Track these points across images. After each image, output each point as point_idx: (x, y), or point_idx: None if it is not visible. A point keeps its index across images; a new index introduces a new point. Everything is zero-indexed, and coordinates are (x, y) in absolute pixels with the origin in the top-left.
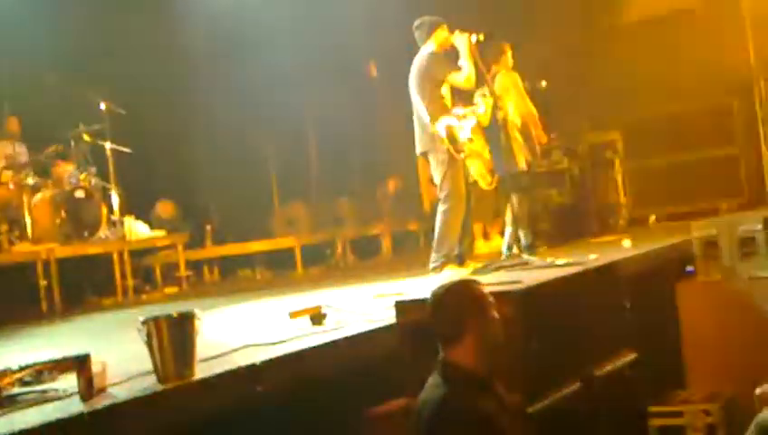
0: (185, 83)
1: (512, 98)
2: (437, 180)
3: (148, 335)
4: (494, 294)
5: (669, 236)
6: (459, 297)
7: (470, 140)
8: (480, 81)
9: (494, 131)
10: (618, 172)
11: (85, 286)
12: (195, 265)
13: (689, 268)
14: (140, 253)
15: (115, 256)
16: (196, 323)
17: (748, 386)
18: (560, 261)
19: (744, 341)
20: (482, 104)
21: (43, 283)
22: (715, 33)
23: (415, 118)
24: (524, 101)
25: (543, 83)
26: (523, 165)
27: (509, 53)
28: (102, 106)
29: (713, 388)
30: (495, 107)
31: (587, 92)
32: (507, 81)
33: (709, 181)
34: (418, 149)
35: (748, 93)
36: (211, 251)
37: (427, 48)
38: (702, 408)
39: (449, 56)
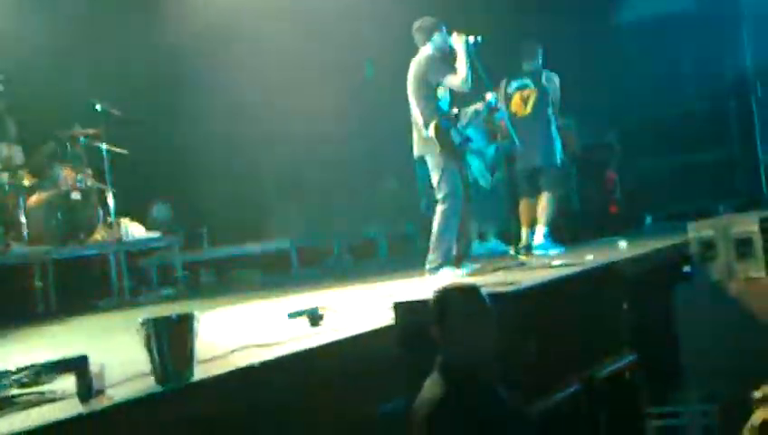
0: (180, 84)
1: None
2: (434, 182)
3: (147, 336)
4: (492, 295)
5: (667, 237)
6: (459, 299)
7: (468, 139)
8: (477, 83)
9: (528, 124)
10: (614, 173)
11: (81, 288)
12: (191, 267)
13: (687, 269)
14: (136, 254)
15: (111, 258)
16: (195, 324)
17: (746, 387)
18: (557, 262)
19: (741, 342)
20: (487, 102)
21: (39, 284)
22: (712, 35)
23: (413, 121)
24: None
25: None
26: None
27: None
28: (98, 107)
29: (711, 389)
30: (543, 101)
31: (584, 92)
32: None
33: (706, 182)
34: (415, 153)
35: (745, 95)
36: (207, 252)
37: (425, 51)
38: (700, 409)
39: (446, 59)
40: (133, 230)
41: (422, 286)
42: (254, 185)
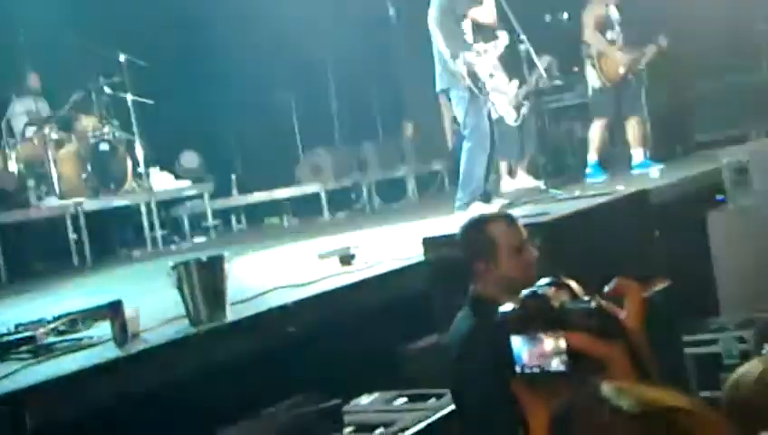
0: (204, 32)
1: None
2: (460, 118)
3: (179, 279)
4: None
5: (699, 164)
6: (489, 230)
7: (491, 76)
8: (500, 15)
9: None
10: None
11: (114, 239)
12: (222, 215)
13: (719, 196)
14: (167, 204)
15: (143, 208)
16: (226, 265)
17: None
18: (587, 192)
19: None
20: (505, 39)
21: (73, 236)
22: None
23: (435, 54)
24: None
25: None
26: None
27: None
28: (122, 58)
29: (746, 315)
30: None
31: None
32: None
33: (737, 108)
34: (439, 87)
35: None
36: (237, 200)
37: None
38: (736, 335)
39: None
40: (163, 180)
41: (452, 223)
42: (281, 131)
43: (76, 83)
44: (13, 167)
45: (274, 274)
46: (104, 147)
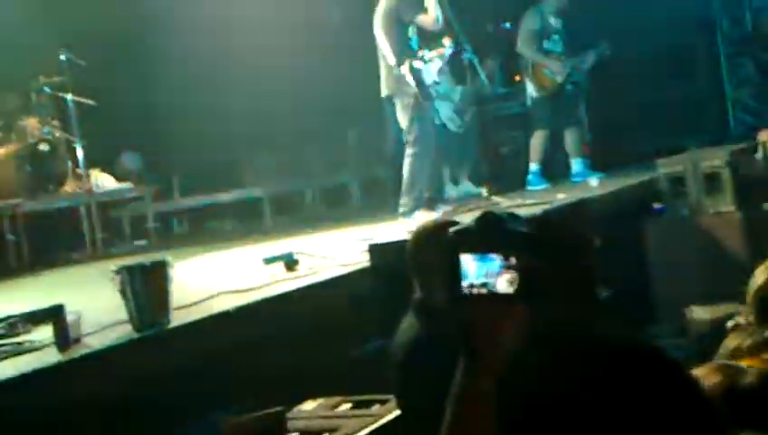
0: (147, 32)
1: None
2: (404, 124)
3: (122, 283)
4: None
5: (637, 174)
6: (440, 236)
7: (437, 82)
8: (445, 23)
9: None
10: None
11: (53, 241)
12: (163, 217)
13: (657, 206)
14: (108, 206)
15: (82, 210)
16: (169, 270)
17: (717, 318)
18: (528, 201)
19: (711, 276)
20: (449, 46)
21: (11, 238)
22: None
23: (380, 60)
24: None
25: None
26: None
27: None
28: (63, 57)
29: (683, 321)
30: None
31: None
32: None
33: (675, 120)
34: (384, 93)
35: (711, 31)
36: (179, 202)
37: None
38: (673, 342)
39: None
40: (104, 181)
41: (396, 229)
42: (225, 133)
43: (16, 82)
44: None
45: (218, 278)
46: (44, 147)
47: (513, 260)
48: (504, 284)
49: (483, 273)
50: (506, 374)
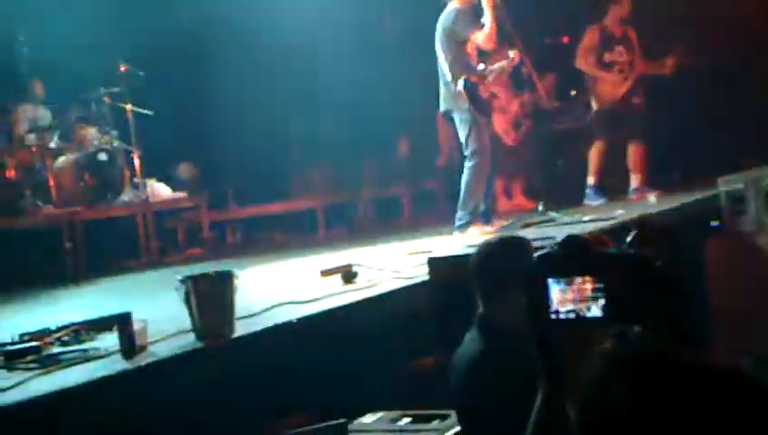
0: (204, 44)
1: None
2: (462, 138)
3: (187, 293)
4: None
5: (696, 191)
6: (509, 252)
7: (494, 96)
8: (502, 39)
9: None
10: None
11: (110, 250)
12: (217, 227)
13: (715, 223)
14: (163, 215)
15: (139, 219)
16: (235, 281)
17: None
18: (587, 217)
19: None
20: (514, 58)
21: (68, 246)
22: None
23: (440, 75)
24: None
25: None
26: None
27: None
28: (122, 68)
29: (741, 342)
30: None
31: None
32: None
33: (734, 137)
34: (442, 107)
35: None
36: (233, 213)
37: (453, 4)
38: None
39: (476, 13)
40: (160, 191)
41: (451, 243)
42: (279, 145)
43: (77, 93)
44: (10, 174)
45: (278, 290)
46: (103, 156)
47: (601, 284)
48: (592, 308)
49: (568, 298)
50: (590, 402)
